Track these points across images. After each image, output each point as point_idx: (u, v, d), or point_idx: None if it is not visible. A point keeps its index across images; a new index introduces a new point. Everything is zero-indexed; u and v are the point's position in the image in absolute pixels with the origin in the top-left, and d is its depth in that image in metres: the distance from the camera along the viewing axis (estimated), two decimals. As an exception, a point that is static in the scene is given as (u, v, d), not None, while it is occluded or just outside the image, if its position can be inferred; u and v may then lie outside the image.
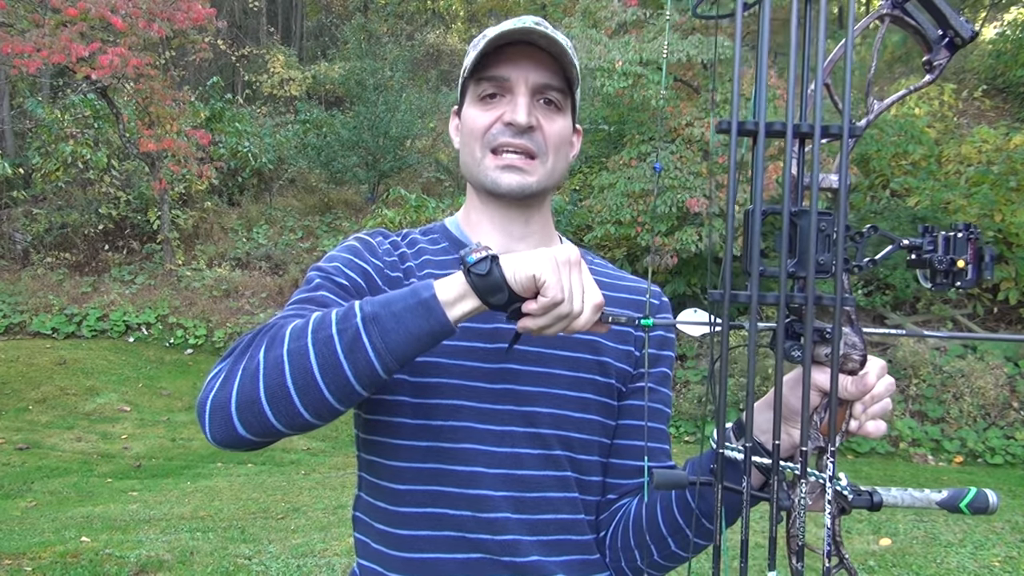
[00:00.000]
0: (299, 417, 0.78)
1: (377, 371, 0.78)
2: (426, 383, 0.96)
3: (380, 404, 0.97)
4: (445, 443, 0.95)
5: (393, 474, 0.97)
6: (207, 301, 10.86)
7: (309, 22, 22.22)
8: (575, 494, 1.00)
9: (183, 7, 10.58)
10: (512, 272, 0.78)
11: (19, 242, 12.19)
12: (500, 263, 0.78)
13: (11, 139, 13.39)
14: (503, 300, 0.79)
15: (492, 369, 0.97)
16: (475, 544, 0.94)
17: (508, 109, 0.99)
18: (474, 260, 0.78)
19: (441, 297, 0.78)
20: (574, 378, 1.00)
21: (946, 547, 4.11)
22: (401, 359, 0.78)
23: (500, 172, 0.99)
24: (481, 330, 0.98)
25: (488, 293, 0.78)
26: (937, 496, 0.77)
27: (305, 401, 0.77)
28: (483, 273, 0.78)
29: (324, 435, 7.91)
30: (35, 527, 4.64)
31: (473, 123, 1.01)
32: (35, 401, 8.07)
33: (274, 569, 3.83)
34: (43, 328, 10.12)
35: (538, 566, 0.95)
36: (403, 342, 0.78)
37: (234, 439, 0.79)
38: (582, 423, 1.00)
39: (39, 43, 9.44)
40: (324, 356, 0.77)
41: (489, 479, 0.95)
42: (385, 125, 13.32)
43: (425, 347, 0.79)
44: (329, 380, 0.77)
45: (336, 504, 5.20)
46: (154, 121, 11.01)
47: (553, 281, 0.77)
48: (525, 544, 0.95)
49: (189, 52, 14.41)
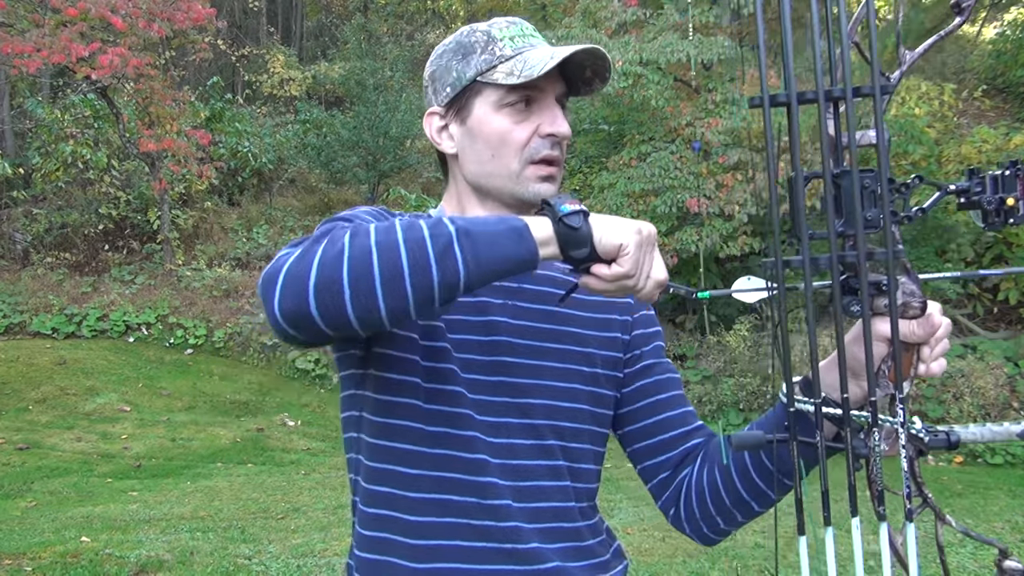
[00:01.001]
0: (375, 312, 0.76)
1: (460, 283, 0.77)
2: (437, 368, 0.97)
3: (395, 385, 0.98)
4: (453, 429, 0.97)
5: (401, 457, 0.98)
6: (207, 301, 10.87)
7: (309, 22, 22.22)
8: (567, 482, 1.02)
9: (183, 7, 10.58)
10: (600, 235, 0.80)
11: (19, 242, 12.19)
12: (591, 222, 0.81)
13: (11, 139, 13.39)
14: (582, 256, 0.81)
15: (487, 361, 0.99)
16: (480, 531, 0.96)
17: (546, 120, 0.99)
18: (567, 211, 0.80)
19: (529, 228, 0.80)
20: (564, 369, 1.03)
21: (946, 547, 4.11)
22: (485, 277, 0.79)
23: (540, 184, 1.00)
24: (474, 323, 1.00)
25: (571, 246, 0.80)
26: (1017, 428, 0.78)
27: (387, 294, 0.76)
28: (575, 227, 0.80)
29: (324, 435, 7.92)
30: (35, 527, 4.63)
31: (508, 134, 0.99)
32: (35, 401, 8.07)
33: (274, 569, 3.83)
34: (43, 328, 10.12)
35: (537, 552, 0.97)
36: (492, 260, 0.78)
37: (301, 316, 0.76)
38: (573, 412, 1.03)
39: (39, 43, 9.44)
40: (415, 256, 0.76)
41: (491, 467, 0.97)
42: (385, 125, 13.31)
43: (507, 273, 0.80)
44: (416, 280, 0.76)
45: (336, 504, 5.21)
46: (154, 121, 11.02)
47: (633, 256, 0.80)
48: (525, 531, 0.97)
49: (189, 52, 14.41)
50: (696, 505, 1.05)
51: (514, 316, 1.02)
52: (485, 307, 1.00)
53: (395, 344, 0.98)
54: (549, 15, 14.97)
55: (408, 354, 0.97)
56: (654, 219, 8.31)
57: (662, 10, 9.50)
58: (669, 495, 1.09)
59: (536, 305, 1.04)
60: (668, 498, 1.09)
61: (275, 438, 7.68)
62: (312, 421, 8.35)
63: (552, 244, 0.81)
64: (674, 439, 1.08)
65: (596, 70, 1.01)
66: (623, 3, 9.40)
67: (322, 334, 0.79)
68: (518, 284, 1.04)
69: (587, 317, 1.07)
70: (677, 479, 1.08)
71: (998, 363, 7.49)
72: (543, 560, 0.97)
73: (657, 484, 1.10)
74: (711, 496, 1.03)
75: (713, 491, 1.03)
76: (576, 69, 1.01)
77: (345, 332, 0.78)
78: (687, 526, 1.09)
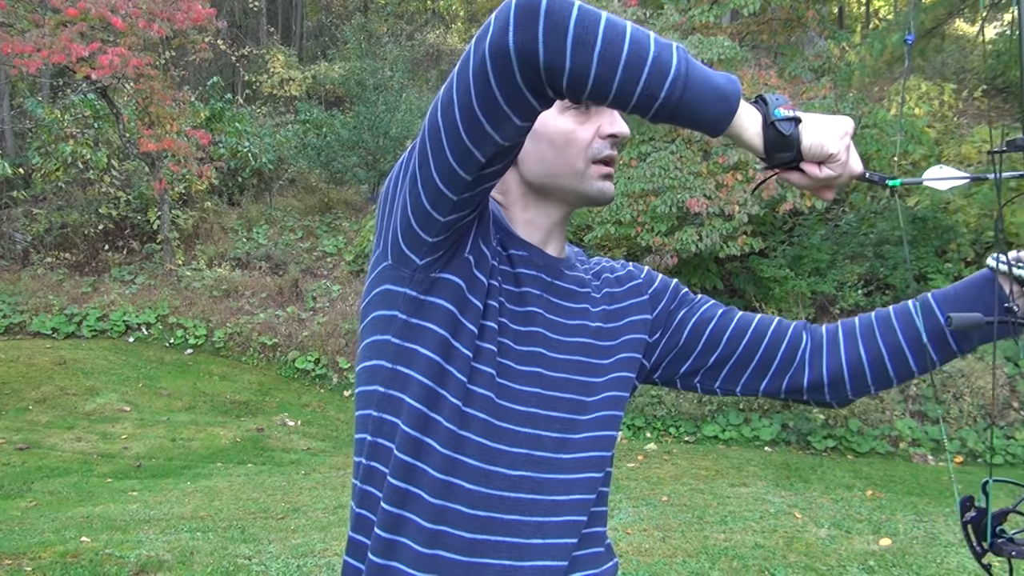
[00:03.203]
0: (577, 76, 0.77)
1: (663, 91, 0.78)
2: (480, 346, 0.99)
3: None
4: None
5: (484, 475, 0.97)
6: (207, 301, 10.87)
7: (309, 22, 22.23)
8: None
9: (183, 7, 10.58)
10: (809, 143, 0.83)
11: (19, 242, 12.19)
12: (802, 128, 0.83)
13: (11, 139, 13.40)
14: (787, 160, 0.83)
15: (522, 352, 1.00)
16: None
17: (607, 122, 1.02)
18: (781, 116, 0.82)
19: (739, 110, 0.81)
20: (587, 364, 1.04)
21: (946, 547, 4.12)
22: (683, 105, 0.79)
23: (604, 182, 1.03)
24: (515, 312, 1.01)
25: (777, 148, 0.83)
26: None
27: (601, 62, 0.76)
28: (785, 133, 0.82)
29: (324, 435, 7.92)
30: (35, 527, 4.63)
31: (573, 135, 1.01)
32: (35, 401, 8.07)
33: (274, 569, 3.83)
34: (43, 328, 10.12)
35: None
36: (699, 95, 0.79)
37: (523, 51, 0.76)
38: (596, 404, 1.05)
39: (39, 43, 9.44)
40: (637, 44, 0.77)
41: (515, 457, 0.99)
42: (385, 125, 13.32)
43: (696, 119, 0.81)
44: (630, 60, 0.77)
45: (336, 504, 5.21)
46: (154, 121, 11.02)
47: (841, 160, 0.83)
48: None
49: (189, 52, 14.40)
50: (857, 370, 1.07)
51: (548, 310, 1.03)
52: (525, 297, 1.01)
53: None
54: (549, 15, 14.96)
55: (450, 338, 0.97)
56: (654, 219, 8.30)
57: (662, 10, 9.50)
58: (814, 367, 1.09)
59: (564, 302, 1.05)
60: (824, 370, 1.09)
61: (275, 438, 7.68)
62: (312, 421, 8.35)
63: (756, 139, 0.83)
64: (780, 333, 1.10)
65: None
66: (623, 3, 9.40)
67: (521, 91, 0.79)
68: (552, 280, 1.05)
69: (604, 311, 1.09)
70: (821, 353, 1.09)
71: (998, 363, 7.48)
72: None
73: (798, 368, 1.10)
74: (872, 363, 1.05)
75: (894, 350, 1.04)
76: None
77: (536, 95, 0.80)
78: (830, 393, 1.10)
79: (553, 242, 1.08)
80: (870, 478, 6.06)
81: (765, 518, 4.69)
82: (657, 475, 6.10)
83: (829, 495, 5.36)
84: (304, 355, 9.74)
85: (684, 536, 4.35)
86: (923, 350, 1.02)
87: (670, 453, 6.97)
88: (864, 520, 4.66)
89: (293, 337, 9.99)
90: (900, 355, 1.04)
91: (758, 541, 4.23)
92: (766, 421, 7.46)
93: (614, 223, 8.59)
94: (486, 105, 0.80)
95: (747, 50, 9.67)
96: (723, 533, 4.40)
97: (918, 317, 1.02)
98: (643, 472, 6.17)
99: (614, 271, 1.17)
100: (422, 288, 0.95)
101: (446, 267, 0.94)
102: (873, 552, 4.06)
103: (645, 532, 4.43)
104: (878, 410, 7.30)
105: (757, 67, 9.22)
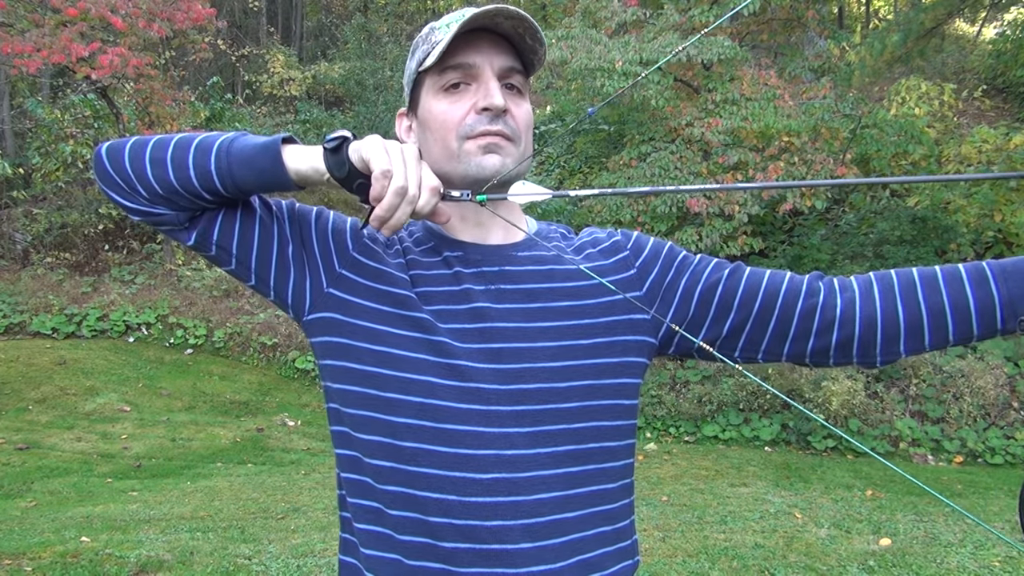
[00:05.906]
0: (140, 182, 1.03)
1: (211, 163, 0.95)
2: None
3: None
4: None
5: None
6: (207, 301, 10.86)
7: (309, 22, 22.21)
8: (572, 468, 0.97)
9: (183, 7, 10.58)
10: (356, 158, 0.90)
11: (19, 242, 12.19)
12: (348, 147, 0.92)
13: (11, 139, 13.39)
14: (343, 175, 0.92)
15: (477, 349, 0.97)
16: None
17: (480, 96, 0.97)
18: (329, 138, 0.93)
19: (287, 152, 0.94)
20: (558, 348, 0.98)
21: (946, 547, 4.11)
22: (235, 164, 0.95)
23: (483, 155, 0.97)
24: (460, 311, 0.98)
25: (337, 168, 0.92)
26: None
27: (153, 166, 1.00)
28: (329, 149, 0.92)
29: (324, 435, 7.91)
30: (35, 527, 4.63)
31: (444, 115, 0.98)
32: (35, 401, 8.07)
33: (274, 569, 3.83)
34: (43, 328, 10.12)
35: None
36: (245, 155, 0.95)
37: (111, 178, 1.06)
38: (571, 392, 0.97)
39: (39, 43, 9.44)
40: (175, 147, 0.99)
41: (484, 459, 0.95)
42: (385, 125, 13.33)
43: (257, 165, 0.94)
44: (173, 156, 0.98)
45: (336, 504, 5.20)
46: (154, 121, 11.02)
47: (383, 160, 0.88)
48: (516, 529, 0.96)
49: (189, 52, 14.40)
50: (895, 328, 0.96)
51: (498, 300, 0.99)
52: (467, 295, 0.99)
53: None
54: (549, 15, 14.99)
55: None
56: (654, 219, 8.30)
57: (662, 10, 9.50)
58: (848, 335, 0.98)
59: (520, 285, 1.00)
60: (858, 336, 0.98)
61: (275, 438, 7.68)
62: (312, 421, 8.35)
63: (320, 166, 0.92)
64: (811, 300, 0.99)
65: (527, 31, 0.97)
66: (623, 3, 9.40)
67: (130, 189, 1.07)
68: (499, 268, 1.01)
69: (576, 287, 1.02)
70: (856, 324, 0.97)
71: (998, 363, 7.48)
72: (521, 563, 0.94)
73: (842, 336, 0.98)
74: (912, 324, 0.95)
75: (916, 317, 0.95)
76: (517, 39, 0.98)
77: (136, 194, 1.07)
78: (885, 352, 0.98)
79: (496, 230, 1.05)
80: (870, 477, 6.06)
81: (765, 518, 4.69)
82: (657, 475, 6.11)
83: (829, 495, 5.36)
84: (304, 355, 9.73)
85: (684, 536, 4.35)
86: (968, 318, 0.92)
87: (670, 453, 6.97)
88: (864, 520, 4.66)
89: (293, 337, 9.99)
90: (941, 318, 0.93)
91: (758, 541, 4.23)
92: (766, 421, 7.46)
93: (614, 223, 8.59)
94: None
95: (747, 50, 9.67)
96: (723, 533, 4.40)
97: (969, 285, 0.92)
98: (643, 472, 6.17)
99: (597, 243, 1.10)
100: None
101: (325, 307, 1.04)
102: (873, 552, 4.06)
103: (645, 532, 4.44)
104: (878, 410, 7.30)
105: (757, 67, 9.23)
